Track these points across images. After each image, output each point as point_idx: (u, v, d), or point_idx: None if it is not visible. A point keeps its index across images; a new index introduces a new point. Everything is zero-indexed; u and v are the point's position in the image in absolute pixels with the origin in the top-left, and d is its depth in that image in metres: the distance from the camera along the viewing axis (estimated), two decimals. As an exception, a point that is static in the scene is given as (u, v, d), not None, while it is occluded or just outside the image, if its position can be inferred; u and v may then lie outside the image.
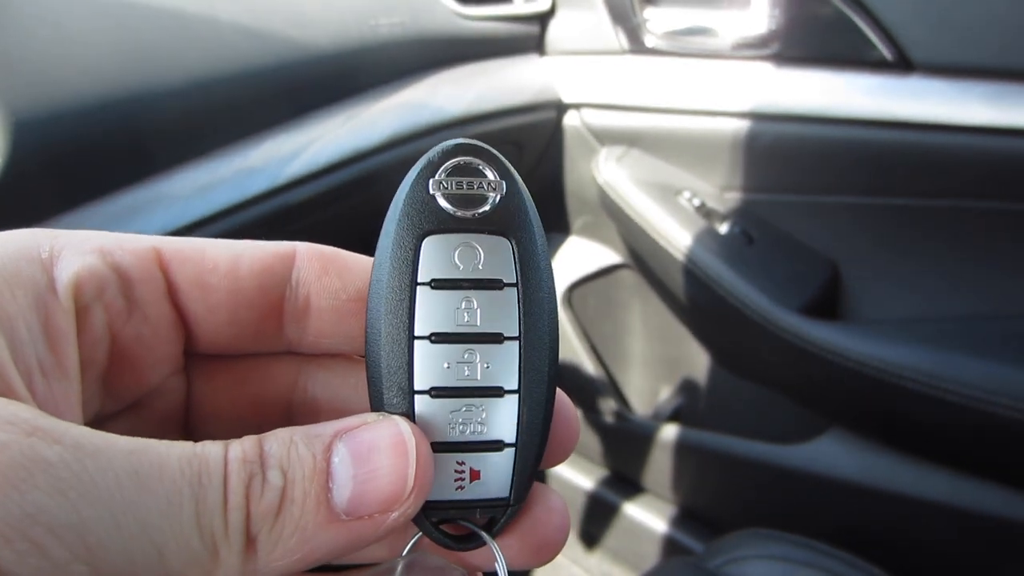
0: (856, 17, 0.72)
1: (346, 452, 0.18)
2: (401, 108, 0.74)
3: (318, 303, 0.21)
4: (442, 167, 0.20)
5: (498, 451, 0.20)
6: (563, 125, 0.92)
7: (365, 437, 0.18)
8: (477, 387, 0.19)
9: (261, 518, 0.16)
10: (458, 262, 0.20)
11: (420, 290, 0.19)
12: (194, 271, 0.20)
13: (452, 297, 0.19)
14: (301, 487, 0.17)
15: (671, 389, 0.95)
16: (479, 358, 0.19)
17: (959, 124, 0.68)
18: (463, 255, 0.20)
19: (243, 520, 0.16)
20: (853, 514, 0.78)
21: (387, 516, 0.18)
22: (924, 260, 0.76)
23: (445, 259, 0.19)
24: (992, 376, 0.65)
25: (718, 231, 0.81)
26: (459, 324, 0.19)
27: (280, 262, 0.21)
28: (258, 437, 0.18)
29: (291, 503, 0.17)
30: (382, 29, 0.74)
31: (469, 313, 0.19)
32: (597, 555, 1.04)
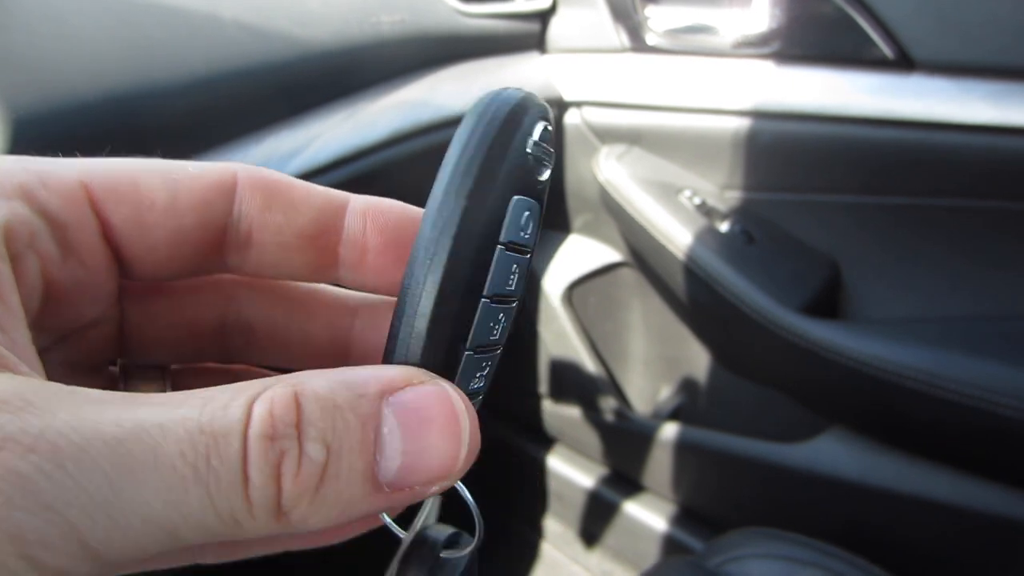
0: (857, 15, 0.71)
1: (395, 422, 0.16)
2: (402, 105, 0.74)
3: (260, 237, 0.20)
4: (538, 127, 0.19)
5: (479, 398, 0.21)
6: (564, 123, 0.92)
7: (415, 404, 0.17)
8: (499, 343, 0.20)
9: (296, 495, 0.15)
10: (523, 227, 0.19)
11: (499, 250, 0.19)
12: (130, 211, 0.19)
13: (512, 261, 0.19)
14: (348, 461, 0.16)
15: (671, 388, 0.95)
16: (504, 319, 0.20)
17: (961, 123, 0.68)
18: (528, 221, 0.19)
19: (272, 497, 0.15)
20: (853, 513, 0.78)
21: (429, 488, 0.17)
22: (925, 259, 0.76)
23: (520, 223, 0.19)
24: (993, 376, 0.65)
25: (719, 230, 0.81)
26: (508, 287, 0.19)
27: (221, 196, 0.20)
28: (293, 392, 0.15)
29: (334, 478, 0.15)
30: (383, 27, 0.74)
31: (514, 278, 0.19)
32: (597, 553, 1.04)
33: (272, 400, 0.15)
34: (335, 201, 0.21)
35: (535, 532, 1.10)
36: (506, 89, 0.20)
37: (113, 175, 0.19)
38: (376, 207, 0.21)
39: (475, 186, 0.18)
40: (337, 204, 0.21)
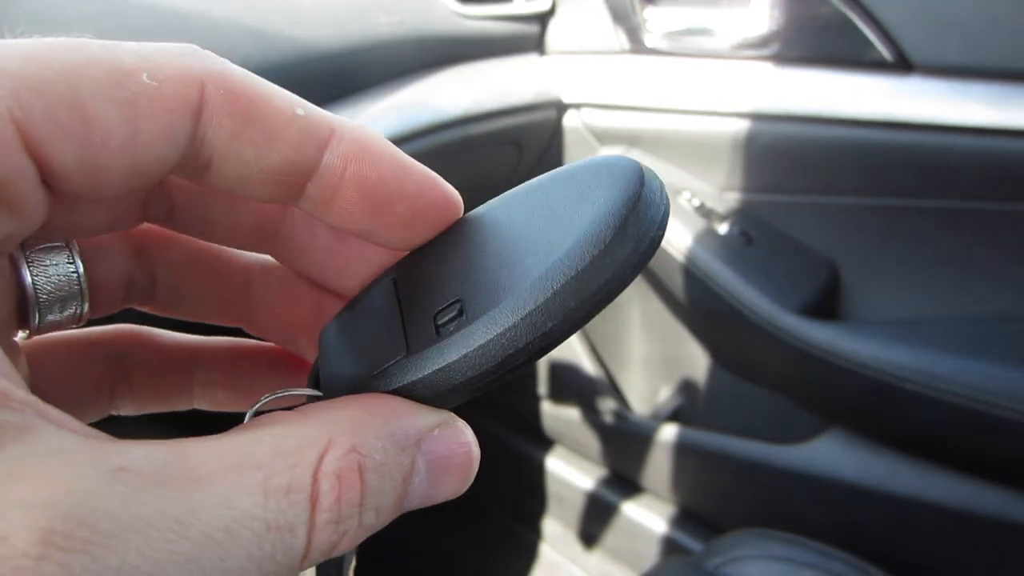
0: (856, 18, 0.72)
1: (424, 471, 0.17)
2: (400, 107, 0.74)
3: (221, 168, 0.17)
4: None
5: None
6: (563, 125, 0.92)
7: (442, 452, 0.17)
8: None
9: (337, 549, 0.15)
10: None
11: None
12: (76, 151, 0.15)
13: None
14: (385, 514, 0.16)
15: (670, 389, 0.95)
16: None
17: (959, 125, 0.68)
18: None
19: (306, 546, 0.15)
20: (852, 514, 0.78)
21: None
22: (924, 261, 0.76)
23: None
24: (991, 377, 0.65)
25: (717, 231, 0.81)
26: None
27: (185, 120, 0.16)
28: (357, 464, 0.15)
29: (369, 528, 0.16)
30: (382, 28, 0.74)
31: None
32: (596, 554, 1.04)
33: (339, 476, 0.15)
34: (317, 134, 0.18)
35: (534, 533, 1.10)
36: (650, 186, 0.17)
37: (53, 100, 0.15)
38: (362, 155, 0.19)
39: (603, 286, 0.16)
40: (318, 139, 0.18)
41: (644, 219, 0.16)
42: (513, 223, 0.18)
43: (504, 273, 0.17)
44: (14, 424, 0.13)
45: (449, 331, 0.17)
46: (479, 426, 0.19)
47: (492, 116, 0.82)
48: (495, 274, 0.17)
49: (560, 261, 0.16)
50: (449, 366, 0.17)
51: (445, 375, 0.17)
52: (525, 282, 0.16)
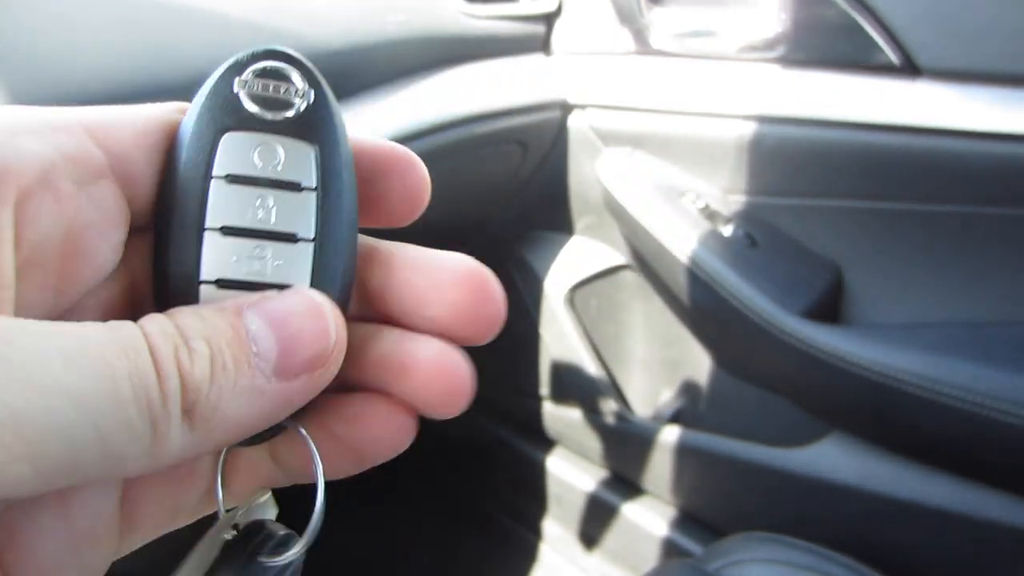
0: (863, 21, 0.71)
1: (260, 320, 0.18)
2: (405, 107, 0.74)
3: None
4: (250, 68, 0.20)
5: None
6: (568, 126, 0.92)
7: (276, 306, 0.18)
8: (265, 282, 0.19)
9: (197, 385, 0.16)
10: (257, 161, 0.19)
11: (214, 183, 0.19)
12: (131, 136, 0.19)
13: (247, 193, 0.19)
14: (229, 353, 0.17)
15: (672, 391, 0.95)
16: (270, 255, 0.20)
17: (966, 130, 0.68)
18: (263, 154, 0.19)
19: (179, 388, 0.16)
20: (853, 518, 0.78)
21: (314, 375, 0.18)
22: (928, 265, 0.75)
23: (243, 157, 0.19)
24: (995, 382, 0.65)
25: (721, 233, 0.81)
26: (253, 221, 0.19)
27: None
28: (162, 314, 0.17)
29: (222, 369, 0.17)
30: (388, 27, 0.74)
31: (264, 211, 0.19)
32: (596, 556, 1.04)
33: (152, 318, 0.17)
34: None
35: (534, 534, 1.10)
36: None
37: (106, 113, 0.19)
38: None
39: (182, 132, 0.19)
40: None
41: None
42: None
43: None
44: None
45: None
46: (480, 427, 0.18)
47: (497, 116, 0.82)
48: None
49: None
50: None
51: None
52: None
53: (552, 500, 1.08)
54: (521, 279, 1.01)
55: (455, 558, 1.12)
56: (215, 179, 0.19)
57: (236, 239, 0.19)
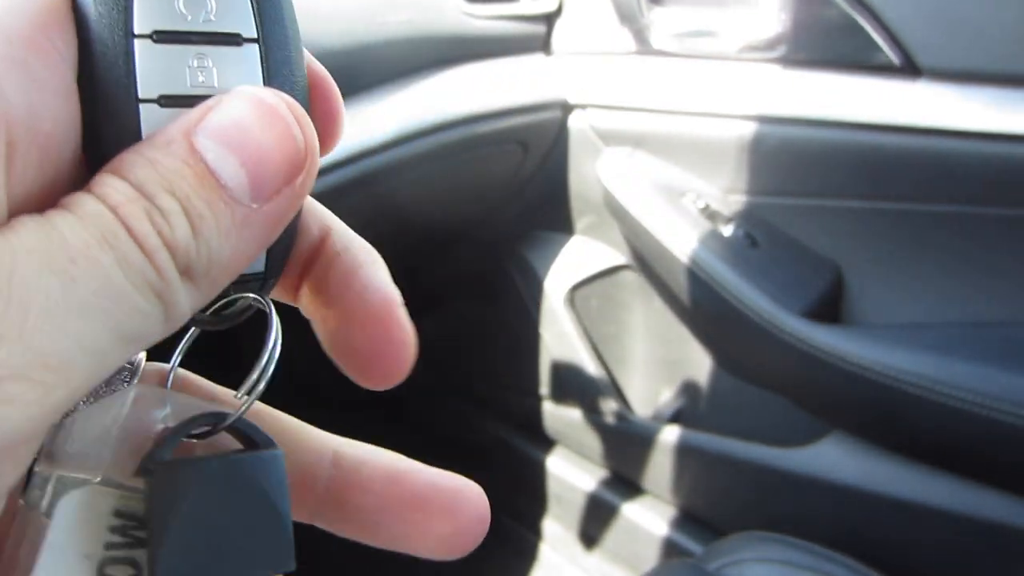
0: (864, 21, 0.71)
1: (214, 144, 0.15)
2: (407, 106, 0.74)
3: None
4: None
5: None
6: (568, 126, 0.92)
7: (221, 121, 0.16)
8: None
9: (184, 248, 0.15)
10: (184, 11, 0.16)
11: (139, 44, 0.16)
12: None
13: (180, 53, 0.16)
14: (199, 198, 0.15)
15: (672, 391, 0.95)
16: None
17: (966, 130, 0.68)
18: (189, 4, 0.16)
19: (170, 257, 0.15)
20: (854, 518, 0.78)
21: (295, 185, 0.16)
22: (928, 265, 0.76)
23: (166, 7, 0.16)
24: (995, 382, 0.65)
25: (722, 233, 0.81)
26: (193, 86, 0.16)
27: None
28: (110, 176, 0.15)
29: (200, 219, 0.15)
30: (389, 26, 0.74)
31: (204, 73, 0.17)
32: (596, 555, 1.04)
33: (103, 185, 0.15)
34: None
35: (534, 534, 1.10)
36: None
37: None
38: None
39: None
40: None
41: None
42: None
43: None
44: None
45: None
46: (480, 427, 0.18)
47: (497, 116, 0.82)
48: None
49: None
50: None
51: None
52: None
53: (552, 500, 1.08)
54: (521, 279, 1.01)
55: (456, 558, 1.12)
56: (139, 39, 0.16)
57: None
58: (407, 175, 0.75)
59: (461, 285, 1.15)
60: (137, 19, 0.16)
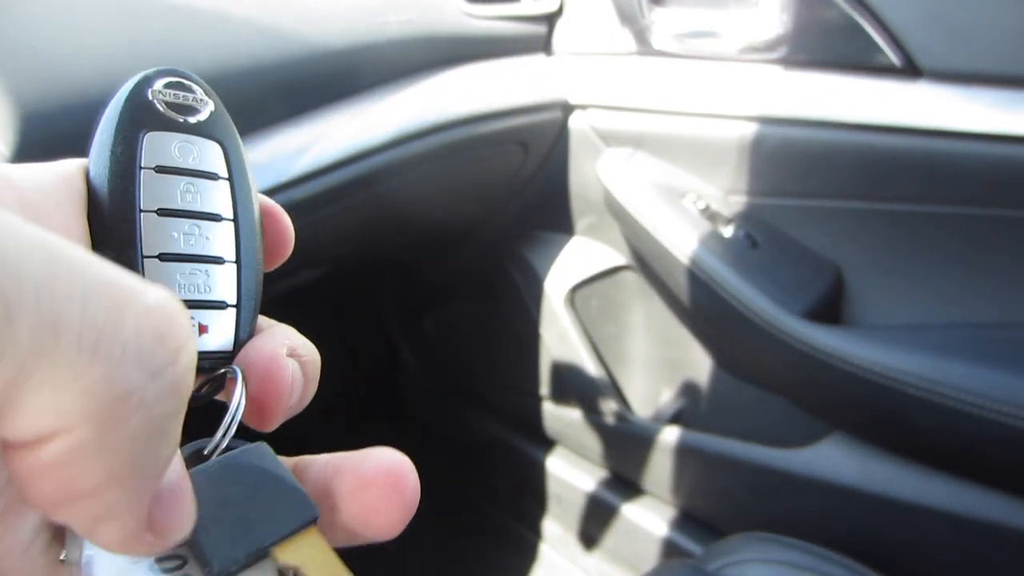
0: (864, 22, 0.71)
1: (170, 493, 0.16)
2: (407, 106, 0.74)
3: None
4: (158, 81, 0.23)
5: (222, 309, 0.22)
6: (569, 126, 0.92)
7: (184, 490, 0.17)
8: (201, 255, 0.22)
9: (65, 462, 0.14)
10: (177, 155, 0.22)
11: (144, 173, 0.21)
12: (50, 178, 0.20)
13: (175, 181, 0.22)
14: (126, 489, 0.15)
15: (672, 391, 0.95)
16: (200, 232, 0.22)
17: (966, 131, 0.68)
18: (182, 150, 0.22)
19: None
20: (853, 519, 0.78)
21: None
22: (929, 266, 0.76)
23: (166, 151, 0.22)
24: (995, 383, 0.65)
25: (722, 234, 0.81)
26: (183, 203, 0.22)
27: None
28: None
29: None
30: (390, 27, 0.74)
31: (191, 196, 0.22)
32: (596, 556, 1.04)
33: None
34: None
35: (534, 534, 1.10)
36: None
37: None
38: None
39: (102, 134, 0.22)
40: None
41: None
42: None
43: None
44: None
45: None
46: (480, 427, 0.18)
47: (498, 116, 0.82)
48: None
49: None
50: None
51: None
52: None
53: (552, 500, 1.08)
54: (522, 279, 1.01)
55: (455, 558, 1.12)
56: (144, 170, 0.21)
57: (172, 219, 0.21)
58: (407, 175, 0.75)
59: (461, 285, 1.16)
60: (144, 157, 0.21)
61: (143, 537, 0.15)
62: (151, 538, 0.15)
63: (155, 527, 0.15)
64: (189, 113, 0.23)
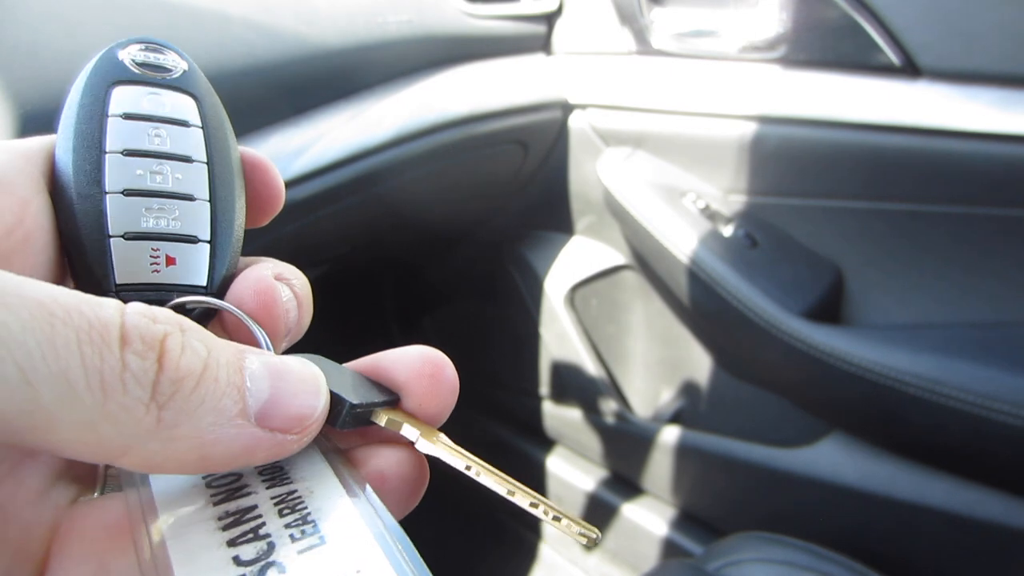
0: (864, 21, 0.71)
1: (260, 365, 0.17)
2: (407, 106, 0.74)
3: None
4: (131, 45, 0.23)
5: (192, 243, 0.21)
6: (569, 125, 0.92)
7: (278, 360, 0.18)
8: (169, 192, 0.21)
9: (177, 379, 0.15)
10: (147, 105, 0.22)
11: (111, 120, 0.21)
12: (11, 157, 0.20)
13: (143, 126, 0.21)
14: (225, 370, 0.16)
15: (672, 391, 0.95)
16: (169, 171, 0.21)
17: (966, 130, 0.68)
18: (152, 101, 0.22)
19: (150, 371, 0.15)
20: (853, 518, 0.78)
21: (288, 437, 0.17)
22: (928, 266, 0.76)
23: (135, 101, 0.22)
24: (995, 383, 0.65)
25: (722, 234, 0.81)
26: (151, 146, 0.21)
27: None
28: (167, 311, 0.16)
29: (212, 379, 0.16)
30: (390, 26, 0.74)
31: (160, 139, 0.22)
32: (596, 556, 1.04)
33: (148, 306, 0.16)
34: None
35: (534, 533, 1.10)
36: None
37: None
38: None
39: (73, 91, 0.22)
40: None
41: None
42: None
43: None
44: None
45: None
46: (480, 427, 0.19)
47: (498, 116, 0.82)
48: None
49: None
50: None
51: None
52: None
53: (552, 499, 1.08)
54: (522, 279, 1.01)
55: (455, 557, 1.12)
56: (111, 117, 0.21)
57: (138, 158, 0.21)
58: (407, 175, 0.75)
59: (461, 285, 1.15)
60: (112, 105, 0.21)
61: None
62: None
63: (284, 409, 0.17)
64: (161, 72, 0.23)
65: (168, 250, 0.21)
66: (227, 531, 0.17)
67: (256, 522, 0.17)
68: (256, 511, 0.17)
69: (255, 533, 0.17)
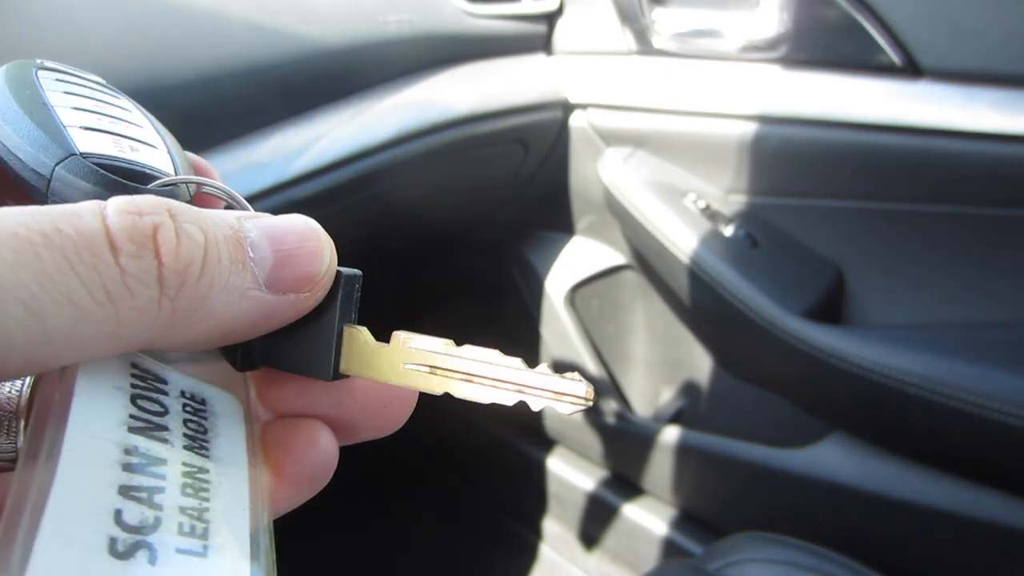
0: (865, 21, 0.71)
1: (259, 231, 0.17)
2: (407, 106, 0.74)
3: None
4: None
5: (152, 147, 0.20)
6: (569, 125, 0.92)
7: (275, 222, 0.18)
8: (124, 134, 0.20)
9: (180, 270, 0.15)
10: (79, 82, 0.22)
11: (51, 95, 0.20)
12: None
13: (87, 91, 0.21)
14: (225, 248, 0.16)
15: (673, 391, 0.95)
16: (121, 119, 0.21)
17: (967, 130, 0.68)
18: (82, 84, 0.22)
19: (151, 268, 0.14)
20: (854, 519, 0.78)
21: (301, 295, 0.17)
22: (930, 266, 0.75)
23: (66, 81, 0.21)
24: (995, 383, 0.65)
25: (723, 234, 0.81)
26: (98, 109, 0.20)
27: None
28: (155, 198, 0.16)
29: (216, 261, 0.15)
30: (390, 26, 0.74)
31: (104, 105, 0.21)
32: (596, 556, 1.04)
33: (128, 197, 0.15)
34: None
35: (534, 534, 1.10)
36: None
37: None
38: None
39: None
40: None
41: None
42: None
43: None
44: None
45: None
46: (480, 427, 0.19)
47: (498, 115, 0.82)
48: None
49: None
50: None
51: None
52: None
53: (552, 500, 1.08)
54: (522, 279, 1.01)
55: (455, 558, 1.12)
56: (50, 92, 0.20)
57: (88, 113, 0.20)
58: (407, 175, 0.75)
59: (461, 285, 1.15)
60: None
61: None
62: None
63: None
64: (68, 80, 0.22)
65: (130, 143, 0.20)
66: (126, 472, 0.15)
67: (156, 482, 0.15)
68: (163, 468, 0.16)
69: (150, 497, 0.15)
